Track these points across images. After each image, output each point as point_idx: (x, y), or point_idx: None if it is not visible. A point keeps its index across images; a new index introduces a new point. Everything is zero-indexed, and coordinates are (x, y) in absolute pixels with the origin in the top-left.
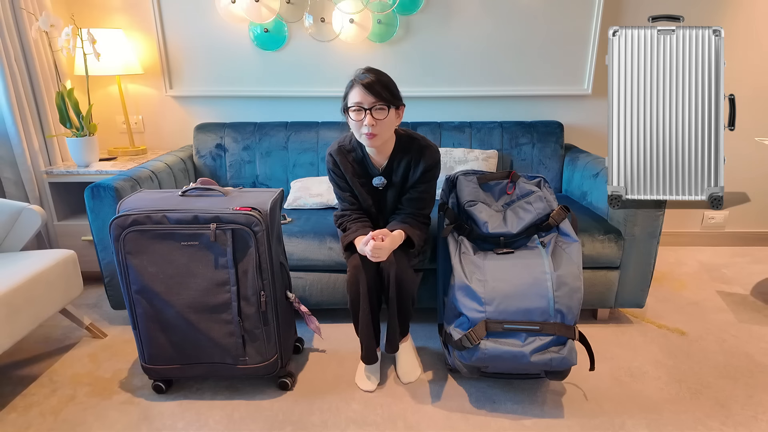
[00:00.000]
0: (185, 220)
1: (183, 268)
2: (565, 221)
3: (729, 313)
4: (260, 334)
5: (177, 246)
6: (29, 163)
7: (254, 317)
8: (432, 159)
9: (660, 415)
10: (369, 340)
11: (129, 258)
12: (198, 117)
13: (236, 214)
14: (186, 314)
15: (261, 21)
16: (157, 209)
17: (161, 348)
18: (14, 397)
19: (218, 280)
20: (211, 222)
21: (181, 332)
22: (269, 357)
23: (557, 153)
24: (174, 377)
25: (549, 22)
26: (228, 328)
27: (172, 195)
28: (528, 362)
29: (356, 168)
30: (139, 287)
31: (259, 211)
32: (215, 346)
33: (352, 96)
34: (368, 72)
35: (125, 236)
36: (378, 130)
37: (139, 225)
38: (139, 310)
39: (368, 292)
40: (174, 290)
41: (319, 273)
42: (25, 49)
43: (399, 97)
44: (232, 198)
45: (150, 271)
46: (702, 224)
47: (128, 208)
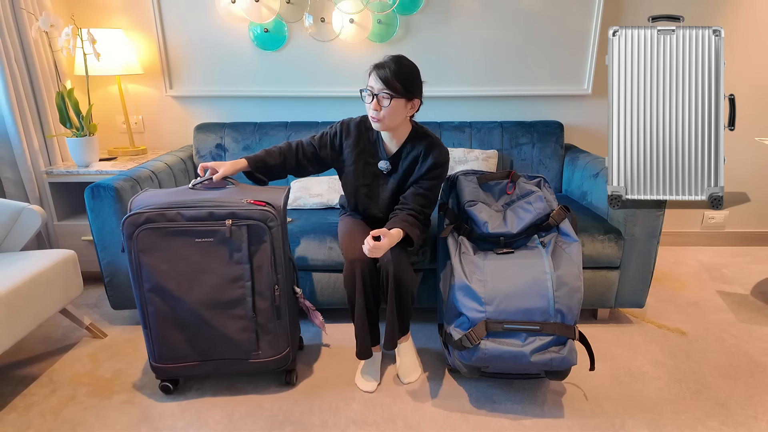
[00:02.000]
0: (200, 216)
1: (196, 264)
2: (565, 221)
3: (729, 313)
4: (273, 328)
5: (191, 242)
6: (29, 163)
7: (268, 312)
8: (441, 158)
9: (660, 415)
10: (363, 335)
11: (141, 256)
12: (198, 117)
13: (252, 210)
14: (199, 311)
15: (261, 21)
16: (171, 206)
17: (172, 346)
18: (14, 397)
19: (232, 275)
20: (226, 218)
21: (193, 329)
22: (281, 350)
23: (557, 153)
24: (183, 375)
25: (549, 22)
26: (241, 323)
27: (182, 189)
28: (528, 362)
29: (367, 146)
30: (151, 285)
31: (273, 206)
32: (228, 341)
33: (369, 79)
34: (390, 60)
35: (138, 234)
36: (381, 116)
37: (153, 223)
38: (151, 309)
39: (363, 287)
40: (187, 287)
41: (319, 273)
42: (25, 49)
43: (412, 90)
44: (243, 189)
45: (163, 269)
46: (702, 224)
47: (140, 206)
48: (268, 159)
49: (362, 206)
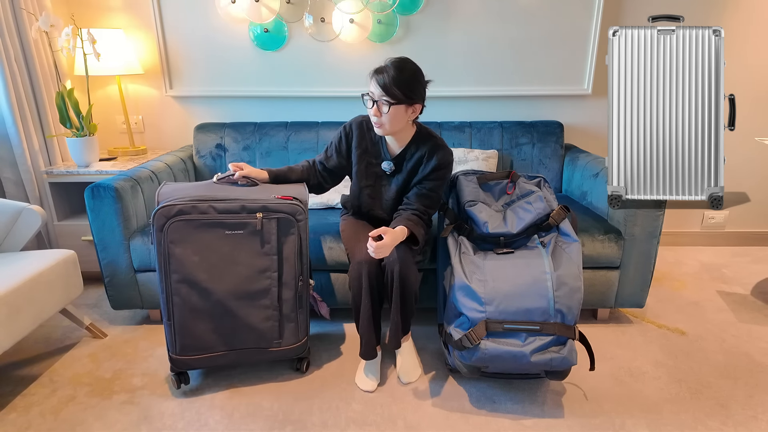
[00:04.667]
0: (232, 209)
1: (227, 256)
2: (565, 221)
3: (729, 313)
4: (295, 317)
5: (221, 235)
6: (29, 163)
7: (292, 301)
8: (445, 159)
9: (660, 415)
10: (369, 336)
11: (172, 247)
12: (198, 117)
13: (282, 203)
14: (227, 301)
15: (261, 21)
16: (203, 199)
17: (196, 337)
18: (14, 397)
19: (260, 267)
20: (258, 211)
21: (218, 319)
22: (301, 338)
23: (557, 153)
24: (204, 366)
25: (549, 22)
26: (266, 313)
27: (206, 183)
28: (528, 362)
29: (369, 146)
30: (180, 276)
31: (300, 201)
32: (251, 330)
33: (370, 84)
34: (391, 65)
35: (170, 226)
36: (382, 122)
37: (185, 215)
38: (177, 300)
39: (370, 288)
40: (216, 278)
41: (320, 273)
42: (25, 49)
43: (412, 96)
44: (266, 187)
45: (193, 260)
46: (702, 224)
47: (168, 199)
48: (291, 175)
49: (366, 207)
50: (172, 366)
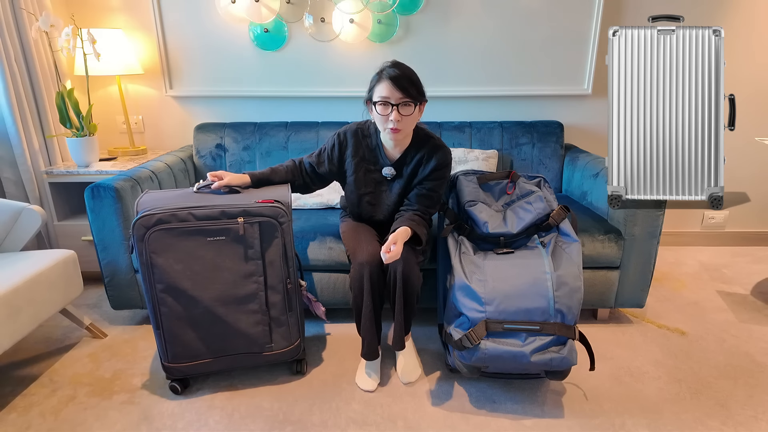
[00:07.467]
0: (212, 216)
1: (210, 263)
2: (565, 221)
3: (729, 313)
4: (285, 321)
5: (203, 242)
6: (29, 163)
7: (280, 305)
8: (444, 159)
9: (660, 415)
10: (371, 337)
11: (154, 257)
12: (198, 117)
13: (263, 207)
14: (214, 308)
15: (261, 21)
16: (181, 207)
17: (186, 345)
18: (14, 397)
19: (245, 271)
20: (238, 216)
21: (208, 326)
22: (293, 341)
23: (557, 153)
24: (197, 373)
25: (549, 22)
26: (255, 318)
27: (186, 192)
28: (528, 362)
29: (367, 154)
30: (164, 286)
31: (282, 203)
32: (242, 336)
33: (379, 90)
34: (396, 66)
35: (150, 236)
36: (402, 126)
37: (165, 224)
38: (164, 309)
39: (372, 289)
40: (201, 285)
41: (319, 273)
42: (25, 49)
43: (423, 93)
44: (248, 192)
45: (176, 269)
46: (702, 224)
47: (147, 208)
48: (274, 177)
49: (366, 214)
50: (167, 375)
